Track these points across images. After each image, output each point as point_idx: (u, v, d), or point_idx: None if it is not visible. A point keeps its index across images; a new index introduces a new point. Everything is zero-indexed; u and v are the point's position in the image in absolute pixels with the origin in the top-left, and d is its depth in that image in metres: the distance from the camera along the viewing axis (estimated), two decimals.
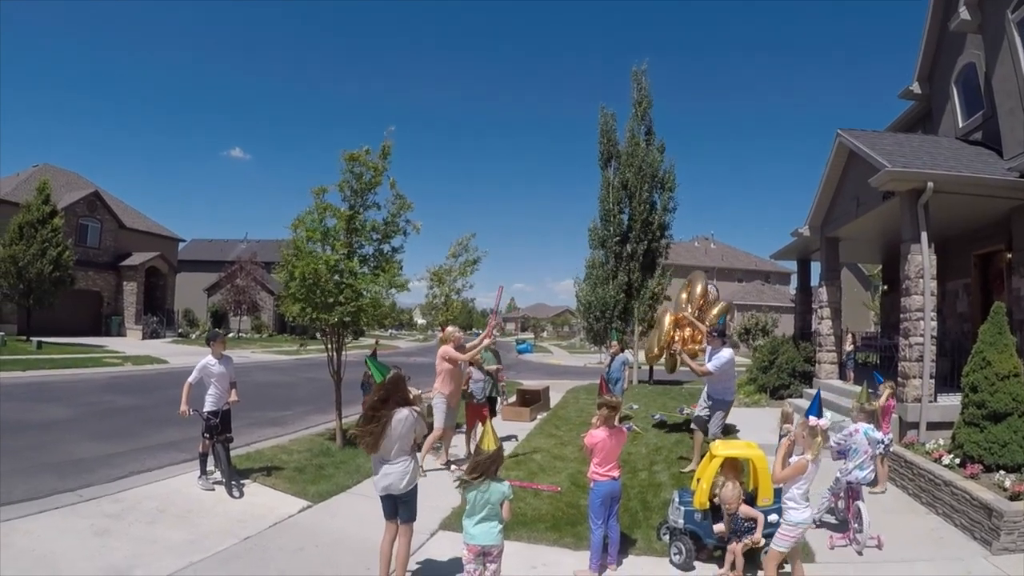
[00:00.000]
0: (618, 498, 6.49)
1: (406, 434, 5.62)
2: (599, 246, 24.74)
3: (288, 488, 8.68)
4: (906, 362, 11.27)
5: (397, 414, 5.54)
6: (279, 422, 14.13)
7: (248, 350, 36.61)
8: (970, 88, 14.82)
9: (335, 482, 8.97)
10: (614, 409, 6.40)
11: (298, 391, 19.59)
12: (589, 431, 6.42)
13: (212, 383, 8.90)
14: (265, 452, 10.71)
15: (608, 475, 6.27)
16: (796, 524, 5.56)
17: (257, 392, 18.51)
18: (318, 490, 8.56)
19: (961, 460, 8.39)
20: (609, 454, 6.30)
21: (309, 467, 9.73)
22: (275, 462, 10.01)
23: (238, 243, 62.82)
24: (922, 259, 11.21)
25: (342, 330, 11.20)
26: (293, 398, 17.98)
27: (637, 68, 25.02)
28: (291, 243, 10.77)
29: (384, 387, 5.79)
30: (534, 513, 7.91)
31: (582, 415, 15.55)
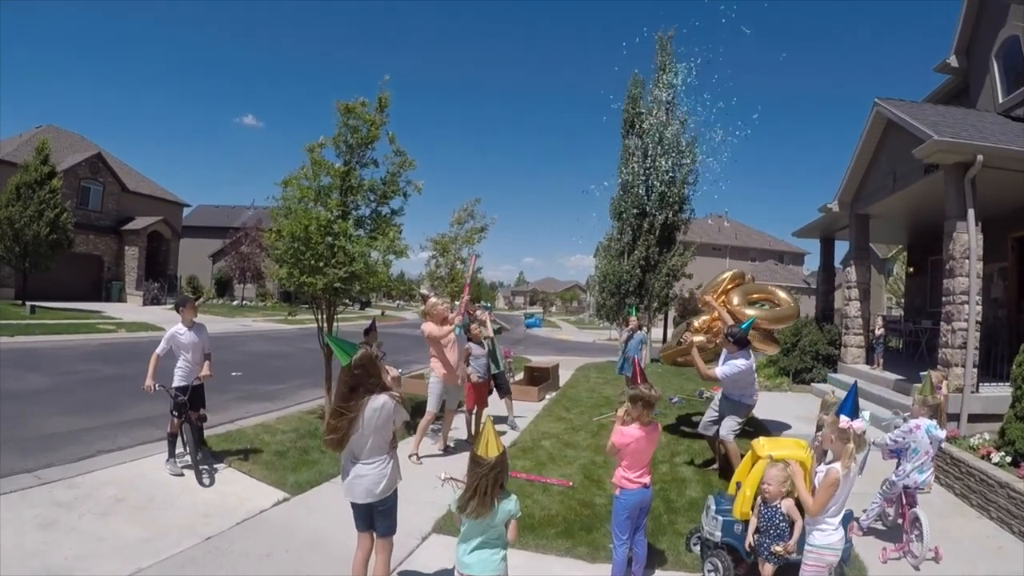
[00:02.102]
0: (647, 509, 5.42)
1: (383, 426, 4.58)
2: (617, 217, 23.98)
3: (265, 476, 7.79)
4: (948, 349, 10.71)
5: (372, 402, 4.51)
6: (270, 396, 13.33)
7: (250, 318, 36.16)
8: (1012, 62, 14.30)
9: (318, 469, 8.05)
10: (650, 405, 5.19)
11: (295, 362, 18.97)
12: (617, 427, 5.25)
13: (182, 355, 7.98)
14: (247, 431, 9.84)
15: (639, 482, 5.17)
16: (822, 549, 4.52)
17: (252, 363, 18.02)
18: (298, 479, 7.65)
19: (1013, 458, 7.65)
20: (641, 456, 5.20)
21: (292, 451, 8.86)
22: (255, 444, 9.11)
23: (245, 210, 61.20)
24: (968, 238, 10.62)
25: (333, 297, 10.27)
26: (289, 370, 17.29)
27: (662, 34, 24.21)
28: (282, 202, 9.86)
29: (351, 372, 4.56)
30: (543, 514, 6.93)
31: (593, 396, 14.85)
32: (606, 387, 16.31)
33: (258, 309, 44.89)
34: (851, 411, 4.73)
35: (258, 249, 44.54)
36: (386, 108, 10.06)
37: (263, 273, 46.54)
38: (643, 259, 22.92)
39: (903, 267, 34.28)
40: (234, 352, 20.06)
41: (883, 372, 14.00)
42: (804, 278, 62.29)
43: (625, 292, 23.15)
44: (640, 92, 24.43)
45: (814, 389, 15.29)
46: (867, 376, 14.19)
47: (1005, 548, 6.71)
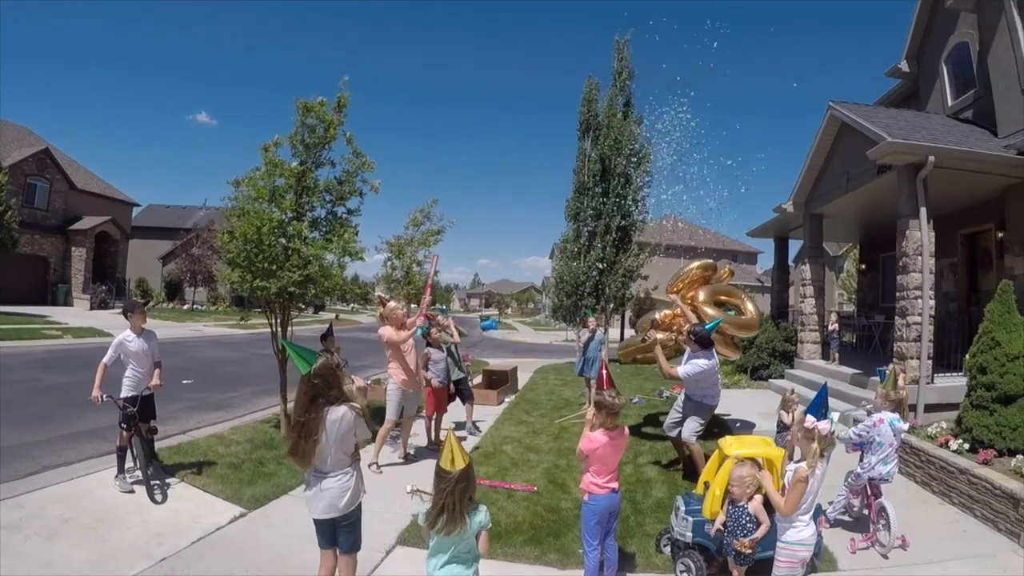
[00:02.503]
0: (617, 514, 5.37)
1: (343, 438, 4.37)
2: (572, 219, 24.03)
3: (220, 490, 7.45)
4: (903, 342, 11.02)
5: (331, 413, 4.31)
6: (223, 405, 12.92)
7: (201, 323, 35.29)
8: (961, 67, 14.85)
9: (275, 482, 7.75)
10: (614, 412, 5.14)
11: (249, 369, 18.52)
12: (584, 433, 5.23)
13: (130, 363, 7.58)
14: (200, 443, 9.45)
15: (607, 487, 5.13)
16: (794, 545, 4.59)
17: (204, 370, 17.55)
18: (254, 493, 7.33)
19: (971, 445, 7.94)
20: (608, 462, 5.17)
21: (247, 463, 8.51)
22: (209, 456, 8.76)
23: (196, 210, 59.17)
24: (921, 235, 10.93)
25: (287, 301, 10.02)
26: (242, 377, 16.87)
27: (620, 38, 24.27)
28: (234, 202, 9.59)
29: (310, 382, 4.37)
30: (509, 521, 6.80)
31: (553, 398, 14.79)
32: (565, 389, 16.27)
33: (209, 313, 43.97)
34: (817, 411, 4.79)
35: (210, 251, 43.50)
36: (344, 108, 9.87)
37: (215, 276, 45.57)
38: (600, 260, 23.00)
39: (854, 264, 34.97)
40: (185, 359, 19.61)
41: (839, 367, 14.21)
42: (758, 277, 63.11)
43: (582, 293, 23.18)
44: (596, 95, 24.48)
45: (772, 385, 15.45)
46: (824, 371, 14.45)
47: (970, 531, 6.90)
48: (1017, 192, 11.72)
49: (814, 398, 4.98)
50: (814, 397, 4.99)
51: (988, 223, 13.83)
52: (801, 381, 14.33)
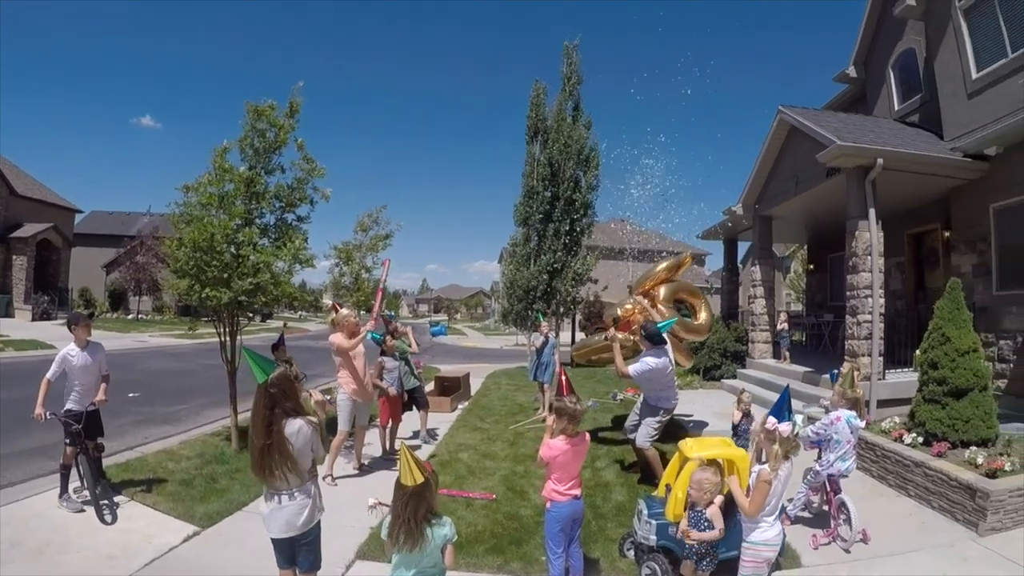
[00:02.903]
0: (580, 520, 5.31)
1: (301, 453, 4.19)
2: (522, 223, 24.05)
3: (172, 508, 7.17)
4: (855, 340, 11.27)
5: (288, 426, 4.13)
6: (171, 419, 12.52)
7: (146, 333, 34.43)
8: (908, 73, 15.32)
9: (228, 498, 7.50)
10: (575, 418, 5.10)
11: (196, 380, 18.06)
12: (545, 440, 5.15)
13: (75, 378, 7.26)
14: (149, 459, 9.13)
15: (569, 494, 5.08)
16: (758, 545, 4.63)
17: (150, 382, 17.09)
18: (207, 510, 7.08)
19: (924, 438, 8.14)
20: (570, 468, 5.11)
21: (199, 478, 8.22)
22: (159, 472, 8.45)
23: (141, 216, 57.37)
24: (870, 236, 11.18)
25: (237, 311, 9.76)
26: (190, 389, 16.44)
27: (569, 43, 24.44)
28: (183, 209, 9.25)
29: (267, 392, 4.18)
30: (470, 531, 6.65)
31: (507, 403, 14.70)
32: (518, 394, 16.19)
33: (155, 323, 42.94)
34: (780, 412, 4.86)
35: (155, 259, 42.60)
36: (297, 113, 9.69)
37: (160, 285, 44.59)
38: (550, 264, 23.09)
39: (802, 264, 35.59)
40: (130, 371, 19.00)
41: (791, 365, 14.42)
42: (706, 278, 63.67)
43: (533, 298, 23.23)
44: (543, 99, 24.58)
45: (724, 385, 15.61)
46: (775, 370, 14.67)
47: (928, 522, 7.06)
48: (962, 193, 12.04)
49: (777, 400, 5.02)
50: (777, 399, 5.04)
51: (934, 223, 14.22)
52: (753, 380, 14.55)
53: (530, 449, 10.13)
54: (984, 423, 7.83)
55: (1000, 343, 10.87)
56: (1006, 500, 6.60)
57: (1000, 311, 11.00)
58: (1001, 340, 10.87)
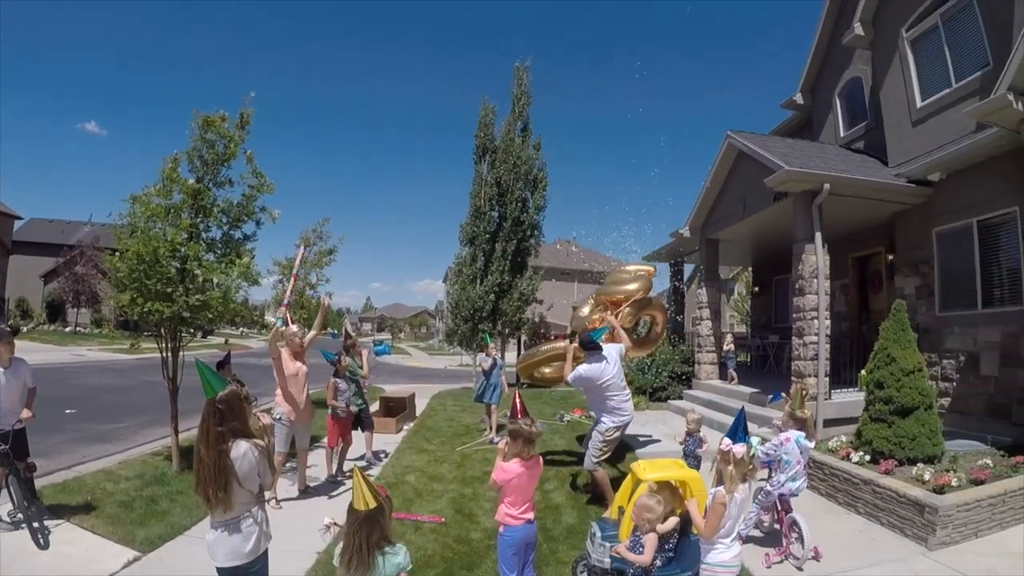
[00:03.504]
0: (534, 544, 5.26)
1: (248, 477, 4.00)
2: (468, 243, 24.02)
3: (111, 532, 6.88)
4: (801, 361, 11.39)
5: (234, 449, 3.95)
6: (110, 437, 12.11)
7: (84, 347, 33.60)
8: (854, 100, 15.75)
9: (169, 522, 7.22)
10: (531, 440, 5.06)
11: (136, 397, 17.55)
12: (498, 464, 5.08)
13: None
14: (87, 479, 8.77)
15: (522, 518, 5.02)
16: (715, 567, 4.64)
17: (88, 398, 16.55)
18: (148, 534, 6.80)
19: (871, 456, 8.37)
20: (524, 492, 5.06)
21: (138, 500, 7.93)
22: (97, 493, 8.12)
23: (82, 225, 55.69)
24: (816, 259, 11.37)
25: (179, 327, 9.48)
26: (129, 406, 15.91)
27: (520, 64, 24.69)
28: (128, 219, 8.98)
29: (214, 408, 4.00)
30: (420, 555, 6.51)
31: (453, 425, 14.57)
32: (464, 415, 16.01)
33: (93, 336, 41.97)
34: (733, 434, 4.90)
35: (95, 270, 41.79)
36: (247, 125, 9.51)
37: (100, 297, 43.70)
38: (496, 285, 23.07)
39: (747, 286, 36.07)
40: (67, 386, 18.52)
41: (738, 386, 14.60)
42: None
43: (479, 318, 23.22)
44: (492, 119, 24.66)
45: (671, 406, 15.64)
46: (722, 391, 14.80)
47: (878, 539, 7.21)
48: (906, 217, 12.35)
49: (733, 422, 5.05)
50: (733, 421, 5.09)
51: (878, 246, 14.56)
52: (700, 402, 14.64)
53: (478, 471, 10.08)
54: (930, 440, 8.05)
55: (943, 362, 11.15)
56: (954, 515, 6.78)
57: (943, 332, 11.29)
58: (944, 360, 11.15)
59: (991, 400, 10.19)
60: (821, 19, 16.56)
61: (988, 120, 9.48)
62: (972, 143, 10.24)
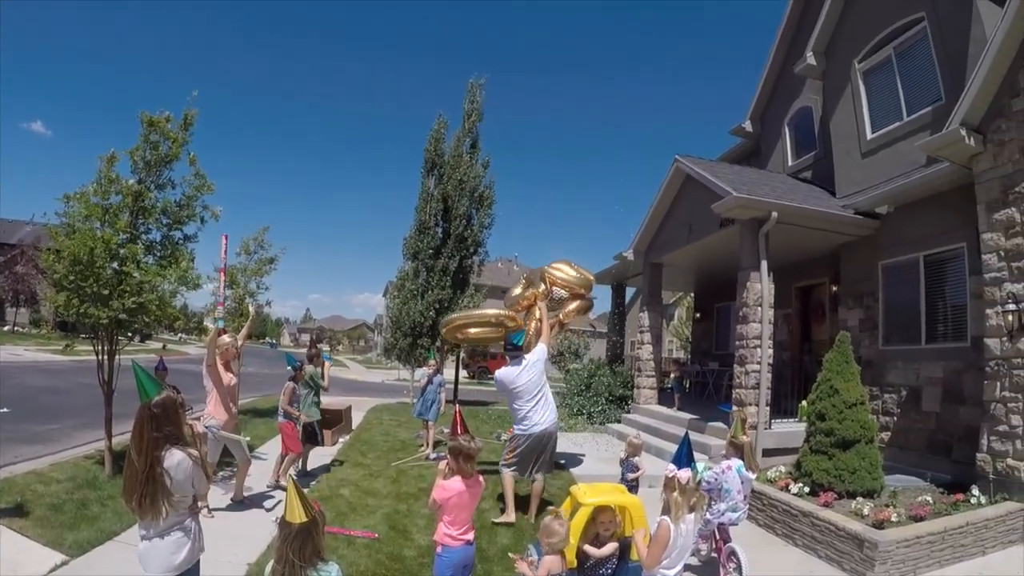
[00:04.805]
0: (472, 566, 5.11)
1: (182, 486, 3.85)
2: (412, 258, 23.76)
3: (40, 534, 6.69)
4: (742, 389, 11.40)
5: (168, 457, 3.79)
6: (42, 438, 11.81)
7: (21, 347, 32.84)
8: (803, 130, 15.97)
9: (99, 527, 7.03)
10: (471, 457, 4.94)
11: (71, 399, 17.06)
12: (438, 482, 4.93)
13: None
14: (17, 480, 8.51)
15: (462, 539, 4.86)
16: None
17: (22, 398, 15.99)
18: (77, 538, 6.62)
19: (811, 488, 8.30)
20: (463, 512, 4.91)
21: (69, 503, 7.71)
22: (27, 495, 7.87)
23: (23, 225, 54.61)
24: (761, 287, 11.39)
25: (116, 330, 9.27)
26: (64, 408, 15.49)
27: (474, 81, 24.55)
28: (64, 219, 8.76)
29: (149, 412, 3.84)
30: (352, 570, 6.35)
31: (389, 439, 14.35)
32: (400, 430, 15.82)
33: (31, 337, 40.86)
34: (680, 460, 4.74)
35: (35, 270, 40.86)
36: (191, 127, 9.37)
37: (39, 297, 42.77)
38: (437, 300, 22.83)
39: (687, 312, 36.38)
40: (1, 386, 17.88)
41: (677, 412, 14.54)
42: (591, 322, 64.36)
43: (419, 333, 22.98)
44: (444, 133, 24.40)
45: (610, 429, 15.57)
46: (662, 416, 14.71)
47: (816, 572, 7.20)
48: (852, 249, 12.43)
49: (678, 447, 4.92)
50: (678, 446, 4.93)
51: (823, 277, 14.63)
52: (639, 426, 14.52)
53: (413, 487, 9.91)
54: (870, 474, 8.08)
55: (885, 396, 11.20)
56: (893, 551, 6.74)
57: (885, 365, 11.34)
58: (886, 393, 11.19)
59: (932, 436, 10.23)
60: (773, 47, 16.79)
61: (939, 154, 9.61)
62: (922, 177, 10.37)
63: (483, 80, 24.55)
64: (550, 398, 8.91)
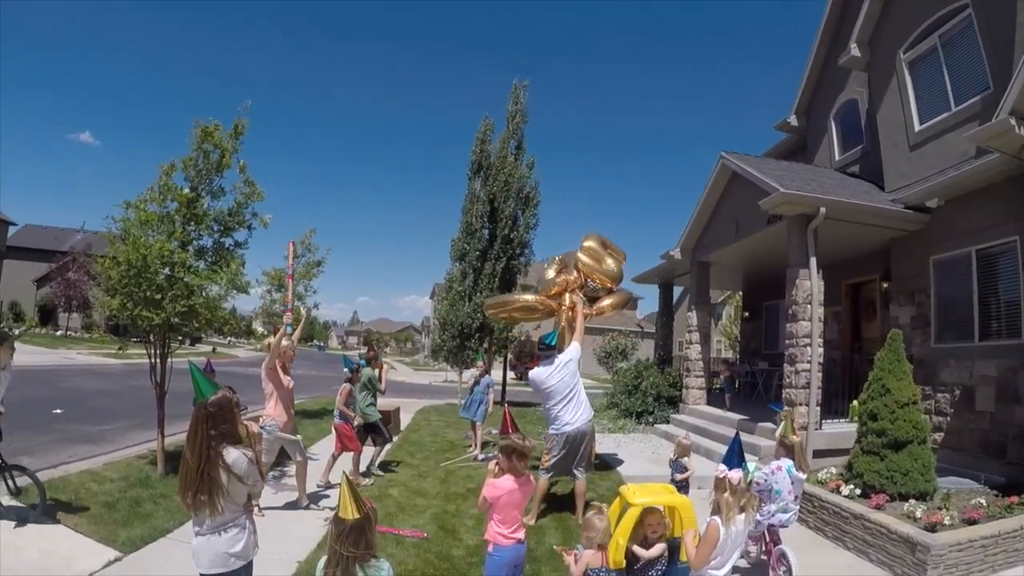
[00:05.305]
0: (522, 566, 5.08)
1: (237, 484, 3.90)
2: (459, 259, 23.85)
3: (93, 531, 6.84)
4: (792, 389, 11.14)
5: (225, 455, 3.85)
6: (96, 438, 12.09)
7: (74, 351, 33.59)
8: (849, 123, 15.53)
9: (152, 524, 7.18)
10: (524, 456, 4.92)
11: (124, 401, 17.43)
12: (489, 481, 4.91)
13: None
14: (71, 479, 8.73)
15: (513, 537, 4.84)
16: None
17: (76, 400, 16.41)
18: (130, 535, 6.77)
19: (862, 490, 8.12)
20: (514, 510, 4.88)
21: (122, 501, 7.88)
22: (81, 493, 8.08)
23: (74, 233, 57.03)
24: (811, 284, 11.10)
25: (168, 333, 9.46)
26: (116, 410, 15.80)
27: (518, 83, 24.59)
28: (121, 224, 8.94)
29: (205, 411, 3.91)
30: (401, 569, 6.35)
31: (437, 440, 14.44)
32: (448, 431, 15.92)
33: (83, 341, 41.97)
34: (731, 460, 4.69)
35: (86, 276, 41.85)
36: (242, 136, 9.50)
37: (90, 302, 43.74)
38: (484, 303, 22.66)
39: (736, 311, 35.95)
40: (56, 388, 18.43)
41: (727, 412, 14.32)
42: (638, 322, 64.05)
43: (466, 335, 23.04)
44: (490, 136, 24.50)
45: (657, 430, 15.44)
46: (711, 416, 14.50)
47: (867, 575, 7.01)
48: (903, 244, 12.10)
49: (728, 447, 4.87)
50: (728, 446, 4.87)
51: (872, 274, 14.28)
52: (687, 426, 14.31)
53: (461, 488, 9.94)
54: (923, 476, 7.88)
55: (937, 396, 10.89)
56: (946, 554, 6.57)
57: (938, 364, 11.03)
58: (938, 393, 10.89)
59: (985, 437, 9.92)
60: (817, 39, 16.42)
61: (989, 145, 9.33)
62: (971, 169, 10.07)
63: (527, 82, 24.57)
64: (583, 398, 8.85)
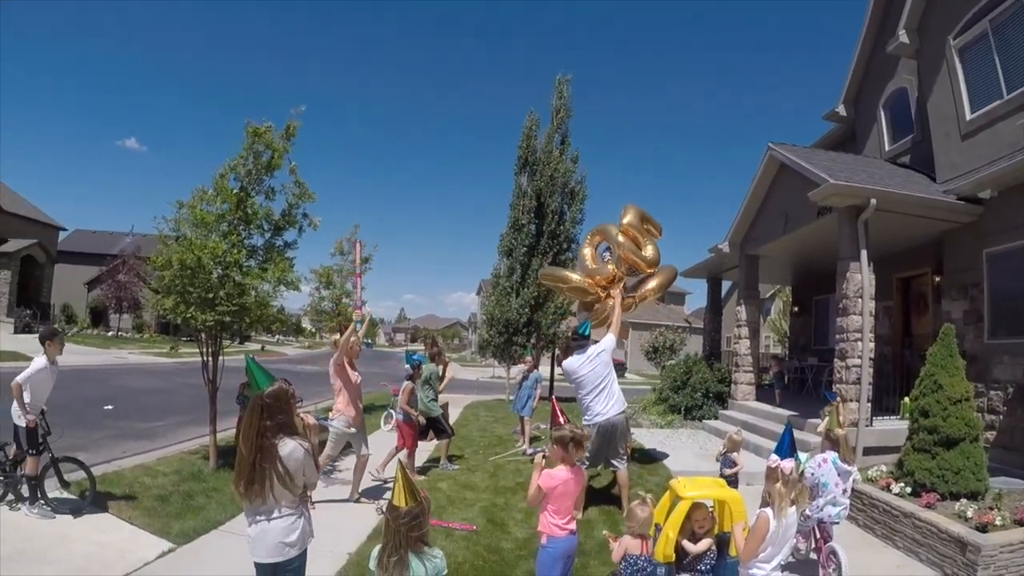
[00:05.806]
0: (574, 558, 5.05)
1: (294, 475, 3.95)
2: (506, 255, 23.84)
3: (147, 523, 7.05)
4: (843, 384, 10.95)
5: (281, 447, 3.91)
6: (148, 434, 12.38)
7: (126, 350, 34.20)
8: (899, 113, 15.16)
9: (205, 516, 7.38)
10: (580, 444, 4.94)
11: (174, 399, 17.75)
12: (542, 470, 4.84)
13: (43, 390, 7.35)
14: (126, 473, 8.97)
15: (567, 528, 4.82)
16: None
17: (127, 398, 16.79)
18: (183, 527, 6.96)
19: (913, 489, 7.97)
20: (567, 500, 4.87)
21: (175, 495, 8.11)
22: (135, 487, 8.31)
23: (123, 236, 57.38)
24: (861, 278, 10.89)
25: (220, 332, 9.66)
26: (168, 407, 16.10)
27: (561, 77, 24.51)
28: (174, 224, 9.15)
29: (262, 401, 3.97)
30: (451, 562, 6.11)
31: (486, 435, 14.57)
32: (497, 426, 16.00)
33: (134, 341, 42.68)
34: (783, 450, 4.64)
35: (136, 278, 42.65)
36: (293, 137, 9.59)
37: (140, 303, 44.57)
38: (532, 298, 22.80)
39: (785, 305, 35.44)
40: (108, 386, 18.77)
41: (776, 408, 14.14)
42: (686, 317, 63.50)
43: (514, 331, 23.05)
44: (536, 131, 24.43)
45: (706, 426, 15.32)
46: (760, 412, 14.33)
47: (917, 575, 6.94)
48: (955, 237, 11.81)
49: (780, 438, 4.82)
50: (780, 437, 4.83)
51: (924, 267, 14.01)
52: (735, 422, 14.13)
53: (510, 481, 10.00)
54: (974, 475, 7.70)
55: (990, 393, 10.62)
56: (997, 555, 6.44)
57: (991, 360, 10.74)
58: (991, 391, 10.61)
59: None
60: (864, 27, 16.07)
61: None
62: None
63: (569, 76, 24.46)
64: (615, 389, 8.81)
